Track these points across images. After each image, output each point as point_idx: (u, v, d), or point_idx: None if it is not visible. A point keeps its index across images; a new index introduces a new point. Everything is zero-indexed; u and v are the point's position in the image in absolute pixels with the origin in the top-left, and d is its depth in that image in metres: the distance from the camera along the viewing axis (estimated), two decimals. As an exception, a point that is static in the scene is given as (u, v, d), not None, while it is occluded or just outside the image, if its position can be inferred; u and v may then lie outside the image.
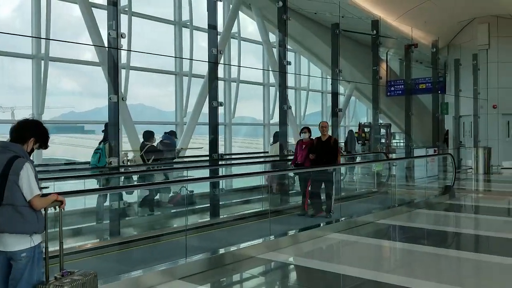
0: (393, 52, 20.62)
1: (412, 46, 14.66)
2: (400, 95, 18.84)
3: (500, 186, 13.29)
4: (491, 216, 8.69)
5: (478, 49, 17.51)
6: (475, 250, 6.48)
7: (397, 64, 21.98)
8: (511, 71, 17.23)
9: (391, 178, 10.13)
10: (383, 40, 15.93)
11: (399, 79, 20.33)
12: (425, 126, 17.96)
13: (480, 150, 15.97)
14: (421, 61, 19.97)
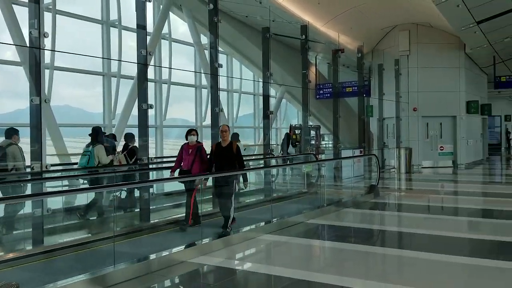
0: (322, 56, 21.24)
1: (339, 51, 15.15)
2: (329, 98, 19.47)
3: (420, 185, 14.07)
4: (413, 214, 9.16)
5: (400, 55, 18.45)
6: (399, 247, 6.78)
7: (325, 68, 22.68)
8: (429, 76, 18.32)
9: (320, 179, 10.39)
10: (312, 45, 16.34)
11: (327, 83, 21.02)
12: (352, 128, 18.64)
13: (402, 151, 16.84)
14: (348, 65, 20.75)
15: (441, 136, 18.77)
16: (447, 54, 18.52)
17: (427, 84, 18.28)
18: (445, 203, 10.54)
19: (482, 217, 8.91)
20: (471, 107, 19.17)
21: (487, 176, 16.74)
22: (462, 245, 6.51)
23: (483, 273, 5.06)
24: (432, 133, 18.69)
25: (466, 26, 15.34)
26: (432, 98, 18.23)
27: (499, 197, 10.89)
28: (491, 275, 4.97)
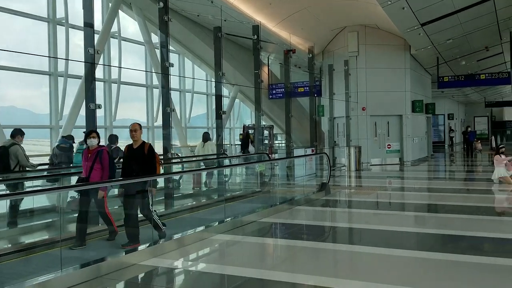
0: (274, 56, 21.41)
1: (290, 51, 15.32)
2: (281, 98, 19.66)
3: (369, 182, 14.44)
4: (362, 210, 9.40)
5: (349, 56, 18.86)
6: (349, 242, 6.93)
7: (278, 68, 22.87)
8: (377, 76, 18.85)
9: (273, 178, 10.45)
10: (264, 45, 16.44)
11: (280, 83, 21.21)
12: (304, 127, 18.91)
13: (352, 149, 17.24)
14: (300, 65, 21.02)
15: (389, 134, 19.36)
16: (393, 55, 19.12)
17: (375, 84, 18.81)
18: (393, 199, 10.86)
19: (428, 211, 9.24)
20: (416, 106, 19.88)
21: (431, 172, 17.41)
22: (409, 239, 6.73)
23: (429, 265, 5.25)
24: (380, 131, 19.25)
25: (411, 28, 15.89)
26: (379, 97, 18.77)
27: (442, 192, 11.35)
28: (437, 267, 5.16)
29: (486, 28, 17.78)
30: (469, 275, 4.86)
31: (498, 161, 12.25)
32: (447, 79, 21.01)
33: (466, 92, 34.29)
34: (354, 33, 18.76)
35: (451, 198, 10.28)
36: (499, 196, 10.66)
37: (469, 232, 6.89)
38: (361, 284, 4.65)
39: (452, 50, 20.00)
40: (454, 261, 5.38)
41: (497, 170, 12.19)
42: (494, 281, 4.60)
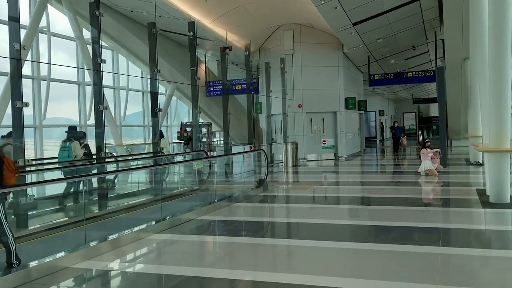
0: (211, 53, 21.31)
1: (227, 48, 15.30)
2: (219, 95, 19.61)
3: (306, 177, 14.75)
4: (300, 204, 9.59)
5: (285, 54, 19.15)
6: (287, 237, 7.04)
7: (215, 65, 22.79)
8: (312, 74, 19.29)
9: (211, 175, 10.41)
10: (201, 42, 16.30)
11: (217, 80, 21.14)
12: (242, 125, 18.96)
13: (289, 145, 17.53)
14: (237, 63, 21.07)
15: (324, 130, 19.87)
16: (327, 53, 19.64)
17: (311, 82, 19.23)
18: (328, 193, 11.16)
19: (361, 204, 9.58)
20: (349, 103, 20.57)
21: (364, 166, 18.08)
22: (344, 231, 6.94)
23: (363, 255, 5.44)
24: (315, 128, 19.72)
25: (344, 28, 16.39)
26: (315, 95, 19.22)
27: (374, 185, 11.82)
28: (370, 256, 5.36)
29: (413, 28, 18.71)
30: (399, 263, 5.09)
31: (424, 154, 12.95)
32: (378, 77, 21.88)
33: (396, 90, 35.97)
34: (290, 31, 19.05)
35: (382, 191, 10.72)
36: (425, 187, 11.25)
37: (398, 222, 7.22)
38: (299, 276, 4.74)
39: (382, 49, 20.86)
40: (386, 251, 5.61)
41: (424, 163, 12.87)
42: (421, 267, 4.85)
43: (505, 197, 8.13)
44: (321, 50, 19.48)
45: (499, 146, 8.17)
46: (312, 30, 19.23)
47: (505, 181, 8.17)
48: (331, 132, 19.99)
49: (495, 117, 8.23)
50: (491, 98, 8.23)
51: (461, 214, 7.84)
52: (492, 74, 8.15)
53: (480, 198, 8.74)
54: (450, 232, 6.59)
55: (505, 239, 6.27)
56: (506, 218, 7.42)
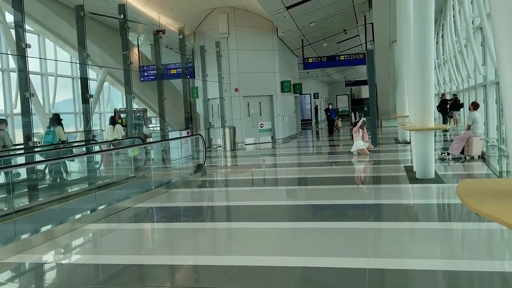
0: (144, 37, 20.74)
1: (160, 32, 14.94)
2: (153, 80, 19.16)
3: (244, 160, 14.88)
4: (239, 188, 9.68)
5: (220, 37, 19.03)
6: (227, 220, 7.09)
7: (148, 49, 22.22)
8: (247, 58, 19.33)
9: (148, 162, 10.23)
10: (133, 25, 15.82)
11: (151, 65, 20.64)
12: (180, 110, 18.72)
13: (227, 130, 17.55)
14: (171, 47, 20.65)
15: (261, 114, 20.08)
16: (262, 37, 19.74)
17: (247, 66, 19.28)
18: (267, 175, 11.34)
19: (298, 185, 9.82)
20: (285, 87, 20.87)
21: (300, 148, 18.50)
22: (282, 211, 7.10)
23: (300, 234, 5.61)
24: (252, 111, 19.87)
25: (277, 11, 16.52)
26: (251, 79, 19.31)
27: (310, 166, 12.16)
28: (308, 235, 5.54)
29: (344, 12, 19.20)
30: (334, 239, 5.31)
31: (356, 134, 13.46)
32: (312, 60, 22.34)
33: (329, 72, 36.90)
34: (224, 14, 18.92)
35: (318, 171, 11.05)
36: (357, 166, 11.73)
37: (333, 201, 7.50)
38: (238, 258, 4.82)
39: (315, 32, 21.27)
40: (323, 228, 5.82)
41: (356, 143, 13.39)
42: (355, 241, 5.08)
43: (430, 173, 8.65)
44: (256, 33, 19.54)
45: (424, 125, 8.66)
46: (247, 14, 19.21)
47: (430, 158, 8.69)
48: (268, 116, 20.23)
49: (420, 98, 8.70)
50: (416, 80, 8.67)
51: (390, 190, 8.27)
52: (417, 56, 8.57)
53: (407, 174, 9.25)
54: (381, 208, 6.93)
55: (430, 212, 6.70)
56: (431, 192, 7.92)
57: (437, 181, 8.44)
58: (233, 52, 19.15)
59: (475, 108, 11.11)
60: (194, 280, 4.52)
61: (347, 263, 4.44)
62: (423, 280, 4.02)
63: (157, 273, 4.50)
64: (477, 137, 10.82)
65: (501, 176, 8.72)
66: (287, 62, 22.66)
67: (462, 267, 4.26)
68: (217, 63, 19.01)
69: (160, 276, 4.42)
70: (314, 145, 20.21)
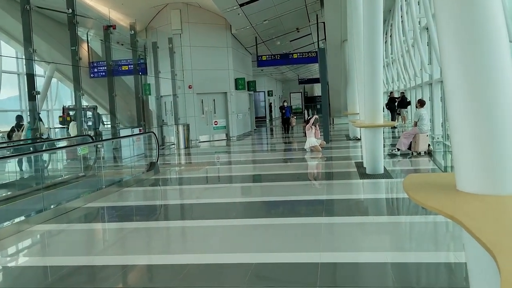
0: (94, 33, 20.14)
1: (110, 27, 14.57)
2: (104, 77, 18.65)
3: (198, 158, 14.79)
4: (193, 186, 9.60)
5: (173, 33, 18.78)
6: (181, 218, 7.02)
7: (99, 45, 21.59)
8: (201, 55, 19.17)
9: (98, 160, 9.96)
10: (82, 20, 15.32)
11: (101, 61, 20.07)
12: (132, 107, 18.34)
13: (180, 127, 17.36)
14: (122, 43, 20.18)
15: (215, 111, 20.00)
16: (216, 34, 19.64)
17: (200, 63, 19.13)
18: (221, 173, 11.32)
19: (253, 182, 9.86)
20: (239, 84, 20.89)
21: (254, 145, 18.58)
22: (237, 208, 7.11)
23: (254, 231, 5.64)
24: (206, 109, 19.76)
25: (231, 8, 16.49)
26: (205, 76, 19.18)
27: (265, 163, 12.24)
28: (262, 231, 5.57)
29: (296, 11, 19.43)
30: (288, 234, 5.37)
31: (308, 131, 13.64)
32: (265, 58, 22.45)
33: (282, 70, 37.25)
34: (177, 10, 18.69)
35: (272, 168, 11.14)
36: (310, 163, 11.91)
37: (287, 197, 7.58)
38: (191, 256, 4.78)
39: (268, 30, 21.40)
40: (276, 224, 5.87)
41: (309, 140, 13.58)
42: (308, 236, 5.16)
43: (379, 169, 8.92)
44: (210, 30, 19.43)
45: (373, 122, 8.90)
46: (200, 10, 19.06)
47: (379, 154, 8.96)
48: (222, 113, 20.18)
49: (370, 96, 8.94)
50: (366, 78, 8.91)
51: (342, 186, 8.45)
52: (366, 55, 8.80)
53: (358, 170, 9.49)
54: (333, 203, 7.08)
55: (379, 206, 6.91)
56: (380, 187, 8.16)
57: (386, 176, 8.71)
58: (186, 48, 18.95)
59: (421, 105, 11.52)
60: (146, 279, 4.45)
61: (300, 258, 4.50)
62: (373, 272, 4.14)
63: (108, 274, 4.40)
64: (423, 133, 11.24)
65: (446, 171, 9.12)
66: (241, 59, 22.68)
67: (410, 259, 4.41)
68: (170, 60, 18.75)
69: (111, 277, 4.32)
70: (268, 142, 20.35)
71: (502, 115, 2.53)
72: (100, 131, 13.78)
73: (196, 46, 19.08)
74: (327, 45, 19.70)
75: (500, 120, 2.53)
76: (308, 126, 13.72)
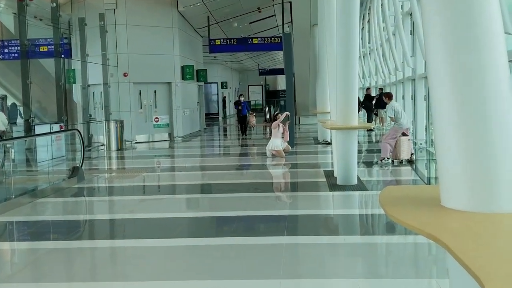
0: (5, 4, 19.54)
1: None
2: (17, 59, 18.09)
3: (134, 163, 14.59)
4: (126, 197, 9.45)
5: (105, 9, 18.45)
6: (110, 237, 6.89)
7: (11, 19, 20.93)
8: (140, 36, 18.91)
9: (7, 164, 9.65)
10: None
11: (14, 39, 19.45)
12: (50, 98, 17.87)
13: (112, 124, 17.06)
14: (41, 17, 19.63)
15: (156, 105, 19.79)
16: (159, 11, 19.47)
17: (139, 45, 18.87)
18: (162, 181, 11.20)
19: (201, 193, 9.81)
20: (187, 73, 20.77)
21: (204, 148, 18.52)
22: (180, 225, 7.03)
23: (201, 253, 5.60)
24: (145, 102, 19.52)
25: (178, -20, 16.38)
26: (144, 61, 18.94)
27: (216, 170, 12.21)
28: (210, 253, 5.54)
29: (258, -13, 19.55)
30: (242, 257, 5.36)
31: (275, 130, 13.48)
32: (219, 43, 22.47)
33: (240, 58, 37.33)
34: (110, -19, 18.40)
35: (224, 176, 11.12)
36: (271, 171, 11.98)
37: (242, 212, 7.58)
38: (123, 285, 4.70)
39: (223, 9, 21.40)
40: (228, 245, 5.86)
41: (273, 141, 13.46)
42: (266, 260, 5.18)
43: (352, 179, 9.06)
44: (151, 7, 19.24)
45: (346, 123, 9.05)
46: (140, -19, 18.85)
47: (352, 162, 9.10)
48: (165, 108, 20.00)
49: (343, 92, 9.07)
50: (339, 71, 9.04)
51: (308, 199, 8.54)
52: (340, 44, 8.94)
53: (328, 180, 9.62)
54: (297, 219, 7.14)
55: (351, 224, 7.03)
56: (353, 200, 8.30)
57: (360, 188, 8.88)
58: (122, 27, 18.65)
59: (389, 98, 11.74)
60: (65, 313, 4.33)
61: (256, 286, 4.50)
62: (343, 304, 4.20)
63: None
64: (405, 129, 11.39)
65: (430, 183, 9.39)
66: (190, 43, 22.57)
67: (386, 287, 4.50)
68: (101, 41, 18.42)
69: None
70: (221, 144, 20.35)
71: (497, 119, 2.60)
72: (8, 129, 13.32)
73: (134, 25, 18.81)
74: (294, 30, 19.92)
75: (494, 124, 2.60)
76: (276, 123, 13.63)
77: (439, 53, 2.72)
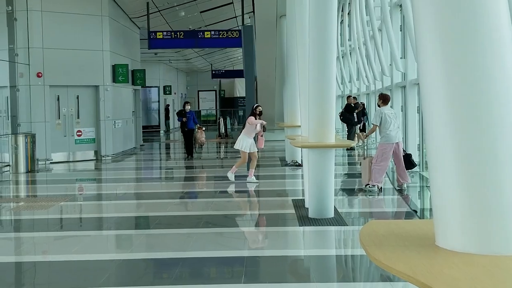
0: None
1: None
2: None
3: (49, 189, 14.34)
4: (37, 233, 9.27)
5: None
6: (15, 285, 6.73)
7: None
8: (59, 26, 18.69)
9: None
10: None
11: None
12: None
13: (21, 139, 16.74)
14: None
15: (79, 115, 19.54)
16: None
17: (58, 38, 18.67)
18: (85, 213, 11.05)
19: (135, 228, 9.70)
20: (119, 74, 20.59)
21: (141, 170, 18.36)
22: (105, 271, 6.91)
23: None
24: (65, 111, 19.26)
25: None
26: (64, 59, 18.73)
27: (156, 199, 12.10)
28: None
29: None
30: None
31: (251, 124, 13.08)
32: (162, 36, 22.42)
33: (188, 56, 37.33)
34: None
35: (166, 207, 11.04)
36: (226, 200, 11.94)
37: (187, 252, 7.52)
38: None
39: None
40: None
41: (243, 138, 13.02)
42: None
43: (328, 211, 9.04)
44: (75, -11, 19.12)
45: (321, 140, 9.06)
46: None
47: (328, 189, 9.07)
48: (90, 119, 19.79)
49: (316, 101, 9.09)
50: (312, 75, 9.08)
51: (272, 236, 8.54)
52: (313, 40, 8.99)
53: (297, 212, 9.64)
54: (258, 262, 7.11)
55: (326, 268, 7.03)
56: (328, 238, 8.33)
57: (337, 222, 8.90)
58: (36, 14, 18.43)
59: (384, 101, 11.42)
60: None
61: None
62: None
63: None
64: (391, 144, 11.05)
65: (423, 216, 9.51)
66: (124, 36, 22.44)
67: None
68: (7, 31, 18.16)
69: None
70: (163, 166, 20.21)
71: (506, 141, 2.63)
72: None
73: (52, 12, 18.62)
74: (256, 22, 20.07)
75: (502, 148, 2.63)
76: (254, 120, 13.10)
77: (433, 54, 2.74)
